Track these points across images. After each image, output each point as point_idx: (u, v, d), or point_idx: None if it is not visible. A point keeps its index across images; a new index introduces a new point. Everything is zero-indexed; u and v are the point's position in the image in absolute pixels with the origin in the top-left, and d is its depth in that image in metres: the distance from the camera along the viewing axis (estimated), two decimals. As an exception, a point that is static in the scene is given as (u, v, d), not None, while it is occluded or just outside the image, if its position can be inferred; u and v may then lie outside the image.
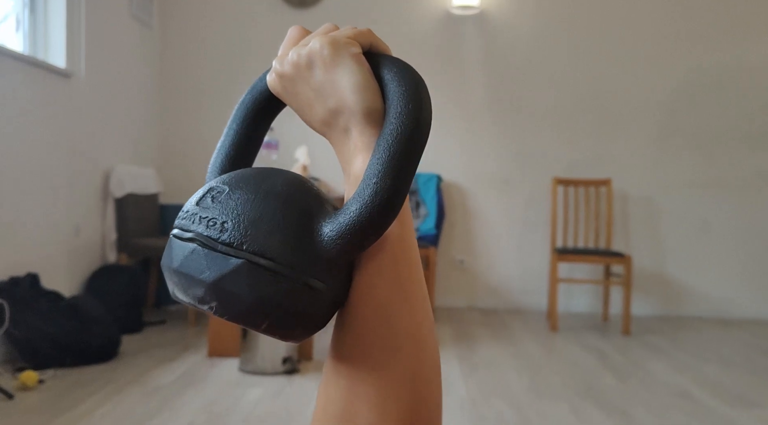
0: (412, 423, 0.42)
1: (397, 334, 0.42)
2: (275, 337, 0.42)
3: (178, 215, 0.43)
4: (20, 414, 2.11)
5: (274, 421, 2.13)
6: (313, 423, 0.45)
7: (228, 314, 0.40)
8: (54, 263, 3.09)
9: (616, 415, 2.31)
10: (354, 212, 0.40)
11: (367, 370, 0.42)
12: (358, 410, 0.42)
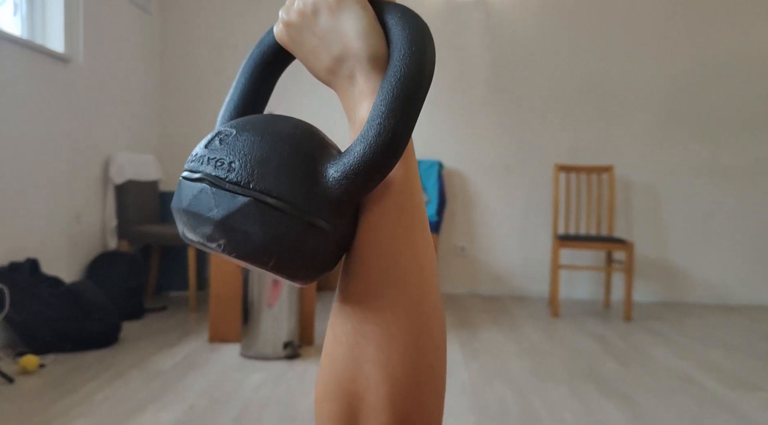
0: (417, 361, 0.43)
1: (402, 273, 0.43)
2: (282, 277, 0.42)
3: (188, 159, 0.44)
4: (21, 397, 2.11)
5: (275, 405, 2.13)
6: (321, 365, 0.46)
7: (236, 251, 0.40)
8: (54, 249, 3.08)
9: (617, 399, 2.30)
10: (358, 152, 0.40)
11: (373, 310, 0.43)
12: (365, 349, 0.43)
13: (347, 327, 0.44)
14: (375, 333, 0.43)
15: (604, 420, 2.08)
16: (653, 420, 2.11)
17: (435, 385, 0.44)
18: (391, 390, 0.42)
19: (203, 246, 0.42)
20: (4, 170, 2.68)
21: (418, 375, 0.43)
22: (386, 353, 0.42)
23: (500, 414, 2.12)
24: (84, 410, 2.02)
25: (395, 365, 0.42)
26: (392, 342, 0.42)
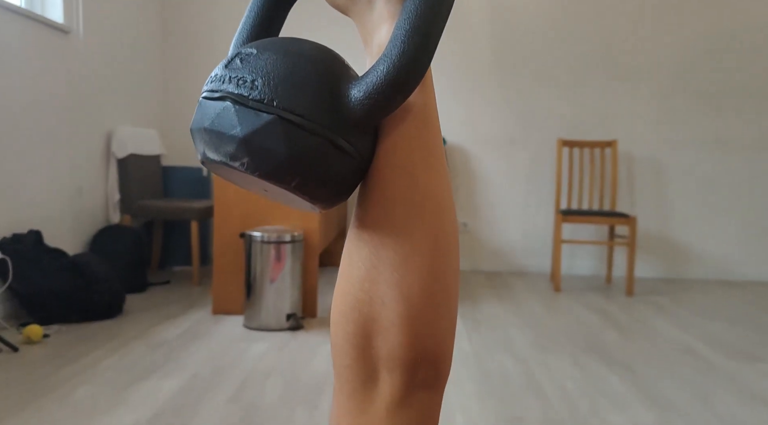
0: (432, 283, 0.43)
1: (419, 195, 0.44)
2: (304, 198, 0.43)
3: (207, 81, 0.43)
4: (25, 365, 2.13)
5: (278, 374, 2.14)
6: (337, 288, 0.46)
7: (259, 170, 0.40)
8: (57, 222, 3.08)
9: (619, 369, 2.31)
10: (381, 71, 0.40)
11: (390, 234, 0.43)
12: (381, 272, 0.43)
13: (364, 253, 0.44)
14: (391, 257, 0.43)
15: (605, 389, 2.09)
16: (655, 389, 2.12)
17: (448, 308, 0.45)
18: (405, 310, 0.43)
19: (225, 166, 0.41)
20: (4, 142, 2.67)
21: (433, 296, 0.43)
22: (402, 274, 0.43)
23: (502, 382, 2.13)
24: (88, 377, 2.03)
25: (411, 286, 0.43)
26: (408, 264, 0.43)
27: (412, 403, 0.43)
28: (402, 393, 0.43)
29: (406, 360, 0.43)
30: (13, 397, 1.84)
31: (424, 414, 0.44)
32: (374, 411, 0.43)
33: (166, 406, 1.82)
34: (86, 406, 1.80)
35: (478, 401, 1.95)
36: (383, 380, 0.43)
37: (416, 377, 0.43)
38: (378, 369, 0.43)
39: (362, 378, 0.44)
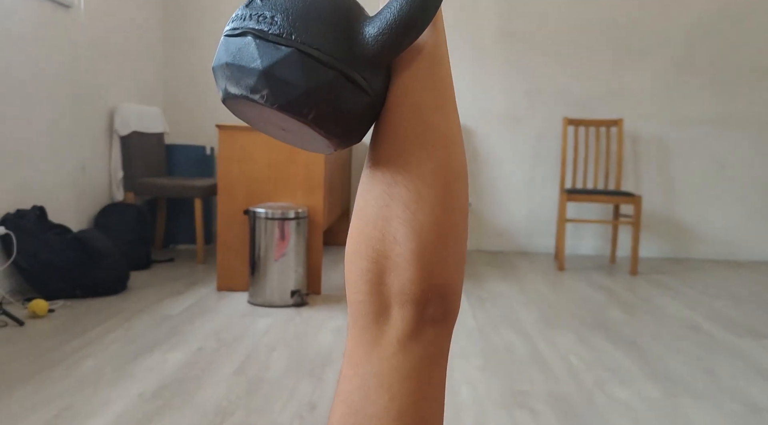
0: (442, 220, 0.45)
1: (431, 133, 0.45)
2: (320, 132, 0.44)
3: (228, 21, 0.46)
4: (31, 339, 2.13)
5: (283, 347, 2.14)
6: (351, 227, 0.48)
7: (278, 102, 0.42)
8: (60, 198, 3.07)
9: (624, 345, 2.31)
10: (395, 8, 0.42)
11: (402, 172, 0.45)
12: (394, 210, 0.45)
13: (377, 191, 0.46)
14: (403, 194, 0.45)
15: (610, 364, 2.09)
16: (660, 364, 2.11)
17: (458, 245, 0.46)
18: (417, 246, 0.44)
19: (246, 100, 0.43)
20: (6, 117, 2.66)
21: (443, 232, 0.45)
22: (413, 211, 0.45)
23: (507, 357, 2.13)
24: (93, 351, 2.03)
25: (422, 222, 0.45)
26: (420, 201, 0.45)
27: (423, 337, 0.45)
28: (413, 327, 0.45)
29: (417, 295, 0.44)
30: (19, 370, 1.85)
31: (433, 348, 0.45)
32: (386, 344, 0.45)
33: (172, 378, 1.82)
34: (92, 378, 1.80)
35: (483, 374, 1.95)
36: (395, 314, 0.45)
37: (426, 312, 0.45)
38: (390, 304, 0.45)
39: (375, 313, 0.45)
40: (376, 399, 0.44)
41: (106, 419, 1.54)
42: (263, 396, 1.72)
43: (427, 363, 0.45)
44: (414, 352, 0.45)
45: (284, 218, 2.68)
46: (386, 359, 0.44)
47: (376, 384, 0.44)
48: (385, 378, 0.44)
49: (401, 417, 0.44)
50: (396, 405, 0.44)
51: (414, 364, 0.44)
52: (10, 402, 1.62)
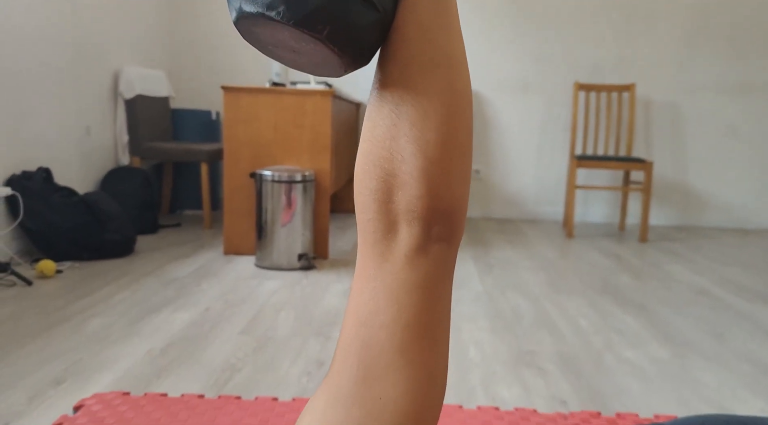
0: (448, 139, 0.47)
1: (437, 52, 0.47)
2: (334, 49, 0.45)
3: None
4: (39, 297, 2.13)
5: (290, 309, 2.14)
6: (360, 148, 0.50)
7: (294, 18, 0.43)
8: (66, 161, 3.05)
9: (633, 309, 2.30)
10: None
11: (409, 90, 0.46)
12: (401, 128, 0.46)
13: (385, 111, 0.47)
14: (410, 113, 0.46)
15: (619, 327, 2.08)
16: (669, 327, 2.10)
17: (463, 164, 0.48)
18: (423, 164, 0.46)
19: (261, 18, 0.44)
20: (10, 78, 2.63)
21: (449, 151, 0.47)
22: (420, 129, 0.46)
23: (515, 320, 2.12)
24: (101, 310, 2.04)
25: (428, 140, 0.46)
26: (426, 120, 0.46)
27: (429, 254, 0.47)
28: (419, 244, 0.46)
29: (424, 212, 0.46)
30: (28, 326, 1.85)
31: (440, 264, 0.47)
32: (394, 260, 0.47)
33: (179, 336, 1.82)
34: (100, 335, 1.81)
35: (490, 335, 1.95)
36: (402, 231, 0.47)
37: (432, 230, 0.47)
38: (398, 222, 0.47)
39: (383, 230, 0.47)
40: (385, 311, 0.46)
41: (114, 374, 1.54)
42: (271, 354, 1.72)
43: (434, 278, 0.47)
44: (421, 268, 0.46)
45: (291, 181, 2.66)
46: (394, 273, 0.46)
47: (385, 296, 0.46)
48: (394, 292, 0.46)
49: (408, 327, 0.46)
50: (404, 316, 0.46)
51: (421, 279, 0.46)
52: (20, 356, 1.63)
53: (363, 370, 0.45)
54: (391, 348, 0.45)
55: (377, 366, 0.45)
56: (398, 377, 0.45)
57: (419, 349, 0.46)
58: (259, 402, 1.40)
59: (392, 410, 0.44)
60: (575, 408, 1.46)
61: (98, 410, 1.32)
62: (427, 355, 0.46)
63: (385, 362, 0.45)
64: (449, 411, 1.39)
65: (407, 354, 0.45)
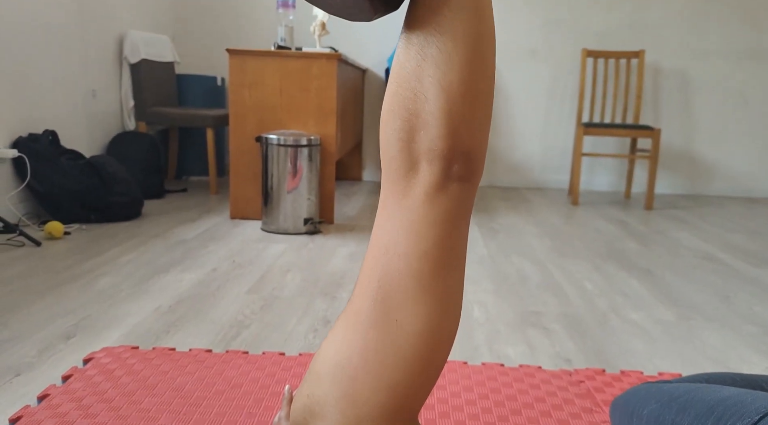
0: (470, 82, 0.48)
1: (463, 1, 0.48)
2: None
3: None
4: (48, 257, 2.15)
5: (297, 270, 2.15)
6: (387, 90, 0.52)
7: None
8: (72, 124, 3.05)
9: (639, 273, 2.30)
10: None
11: (435, 33, 0.48)
12: (425, 69, 0.49)
13: (411, 53, 0.50)
14: (435, 55, 0.48)
15: (624, 290, 2.08)
16: (674, 290, 2.10)
17: (484, 107, 0.50)
18: (445, 104, 0.48)
19: None
20: (15, 40, 2.61)
21: (471, 93, 0.49)
22: (444, 71, 0.48)
23: (519, 282, 2.13)
24: (109, 270, 2.05)
25: (451, 81, 0.48)
26: (450, 61, 0.48)
27: (449, 192, 0.49)
28: (439, 182, 0.48)
29: (444, 151, 0.48)
30: (38, 284, 1.87)
31: (458, 203, 0.50)
32: (415, 195, 0.49)
33: (187, 295, 1.84)
34: (108, 293, 1.82)
35: (495, 297, 1.96)
36: (423, 169, 0.49)
37: (452, 169, 0.48)
38: (419, 161, 0.49)
39: (405, 168, 0.49)
40: (404, 243, 0.48)
41: (123, 329, 1.56)
42: (278, 312, 1.73)
43: (452, 215, 0.49)
44: (440, 205, 0.49)
45: (297, 145, 2.65)
46: (415, 209, 0.49)
47: (405, 230, 0.49)
48: (414, 225, 0.48)
49: (426, 258, 0.48)
50: (422, 248, 0.48)
51: (440, 215, 0.49)
52: (30, 312, 1.65)
53: (382, 296, 0.48)
54: (409, 276, 0.48)
55: (395, 293, 0.47)
56: (415, 303, 0.47)
57: (435, 279, 0.48)
58: (267, 357, 1.42)
59: (408, 332, 0.47)
60: (580, 366, 1.47)
61: (108, 362, 1.34)
62: (443, 284, 0.49)
63: (402, 289, 0.47)
64: (453, 367, 1.40)
65: (424, 282, 0.48)
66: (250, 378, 1.30)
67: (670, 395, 0.77)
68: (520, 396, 1.28)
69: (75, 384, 1.24)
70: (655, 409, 0.77)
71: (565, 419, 1.19)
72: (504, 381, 1.34)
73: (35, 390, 1.23)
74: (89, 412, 1.13)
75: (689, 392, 0.75)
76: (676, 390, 0.78)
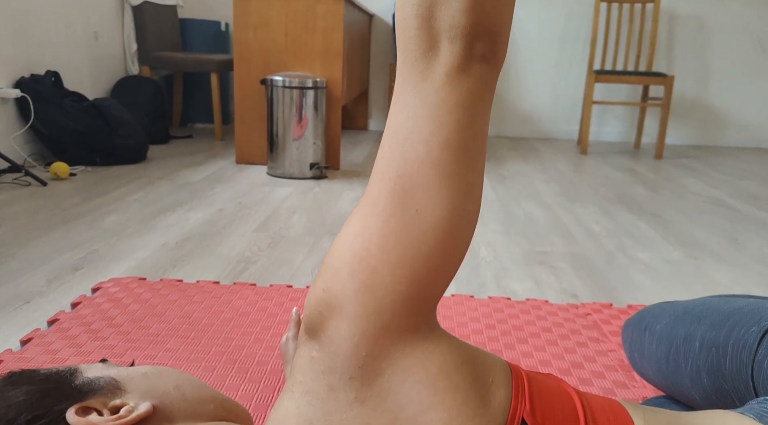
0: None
1: None
2: None
3: None
4: (54, 196, 2.15)
5: (303, 211, 2.14)
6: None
7: None
8: (75, 66, 3.01)
9: (647, 217, 2.28)
10: None
11: None
12: None
13: None
14: None
15: (633, 232, 2.07)
16: (683, 232, 2.09)
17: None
18: None
19: None
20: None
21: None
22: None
23: (527, 224, 2.12)
24: (116, 208, 2.05)
25: None
26: None
27: (471, 73, 0.46)
28: (461, 62, 0.46)
29: (467, 28, 0.45)
30: (44, 220, 1.87)
31: (481, 84, 0.47)
32: (435, 78, 0.46)
33: (194, 232, 1.84)
34: (116, 230, 1.82)
35: (503, 237, 1.95)
36: (444, 49, 0.46)
37: (475, 48, 0.46)
38: (439, 39, 0.46)
39: (424, 48, 0.46)
40: (424, 128, 0.46)
41: (131, 263, 1.57)
42: (285, 249, 1.73)
43: (474, 98, 0.46)
44: (462, 86, 0.46)
45: (302, 87, 2.61)
46: (435, 91, 0.46)
47: (425, 114, 0.46)
48: (434, 109, 0.46)
49: (447, 144, 0.46)
50: (443, 133, 0.46)
51: (461, 98, 0.46)
52: (37, 245, 1.65)
53: (401, 186, 0.46)
54: (429, 163, 0.45)
55: (415, 181, 0.45)
56: (436, 192, 0.45)
57: (456, 165, 0.46)
58: (274, 289, 1.42)
59: (428, 221, 0.45)
60: (587, 301, 1.47)
61: (116, 291, 1.35)
62: (464, 171, 0.47)
63: (422, 176, 0.45)
64: (460, 300, 1.40)
65: (444, 169, 0.46)
66: (257, 307, 1.31)
67: (685, 308, 0.76)
68: (526, 327, 1.28)
69: (84, 310, 1.25)
70: (669, 323, 0.76)
71: (571, 347, 1.19)
72: (511, 313, 1.34)
73: (45, 315, 1.24)
74: (98, 336, 1.14)
75: (704, 303, 0.74)
76: (690, 303, 0.77)
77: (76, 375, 0.52)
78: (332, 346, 0.44)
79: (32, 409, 0.47)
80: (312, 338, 0.46)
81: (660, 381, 0.78)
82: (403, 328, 0.44)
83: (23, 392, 0.48)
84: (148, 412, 0.50)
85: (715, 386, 0.66)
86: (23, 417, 0.46)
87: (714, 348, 0.66)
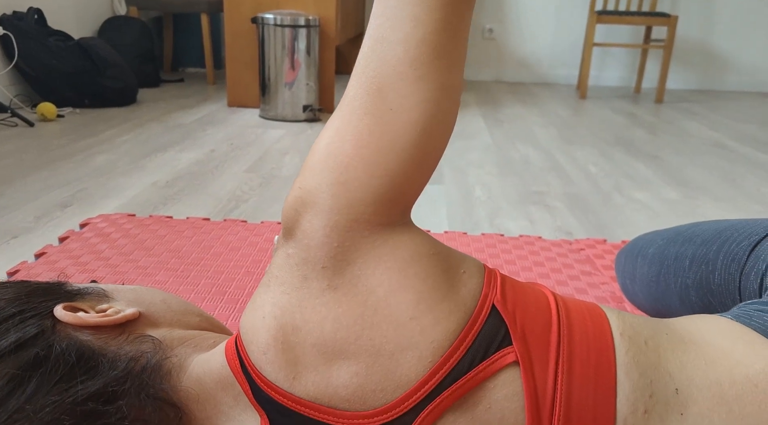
0: None
1: None
2: None
3: None
4: (42, 136, 2.11)
5: (296, 152, 2.11)
6: None
7: None
8: (59, 5, 2.91)
9: (646, 159, 2.25)
10: None
11: None
12: None
13: None
14: None
15: (630, 173, 2.05)
16: (682, 173, 2.07)
17: None
18: None
19: None
20: None
21: None
22: None
23: (523, 166, 2.09)
24: (105, 148, 2.02)
25: None
26: None
27: None
28: None
29: None
30: (32, 160, 1.84)
31: None
32: None
33: (185, 172, 1.81)
34: (105, 169, 1.79)
35: (498, 178, 1.92)
36: None
37: None
38: None
39: None
40: (402, 28, 0.45)
41: (120, 200, 1.54)
42: (276, 189, 1.71)
43: None
44: None
45: (295, 25, 2.53)
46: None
47: (404, 15, 0.45)
48: (413, 9, 0.45)
49: (425, 43, 0.45)
50: (420, 32, 0.45)
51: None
52: (25, 183, 1.62)
53: (377, 83, 0.45)
54: (407, 61, 0.45)
55: (391, 79, 0.45)
56: (411, 91, 0.45)
57: (434, 65, 0.45)
58: (265, 225, 1.40)
59: (402, 119, 0.45)
60: (581, 238, 1.45)
61: (104, 227, 1.33)
62: (442, 72, 0.46)
63: (399, 75, 0.45)
64: (452, 236, 1.39)
65: (422, 68, 0.45)
66: (248, 242, 1.29)
67: (677, 230, 0.75)
68: (518, 261, 1.27)
69: (72, 244, 1.23)
70: (661, 245, 0.75)
71: (563, 280, 1.18)
72: (503, 248, 1.33)
73: (32, 250, 1.22)
74: (86, 268, 1.13)
75: (696, 225, 0.72)
76: (683, 226, 0.75)
77: (66, 284, 0.54)
78: (305, 239, 0.45)
79: (20, 303, 0.48)
80: (288, 238, 0.46)
81: (650, 304, 0.77)
82: (375, 221, 0.45)
83: (12, 291, 0.49)
84: (134, 315, 0.51)
85: (702, 303, 0.65)
86: (10, 309, 0.47)
87: (704, 264, 0.65)
